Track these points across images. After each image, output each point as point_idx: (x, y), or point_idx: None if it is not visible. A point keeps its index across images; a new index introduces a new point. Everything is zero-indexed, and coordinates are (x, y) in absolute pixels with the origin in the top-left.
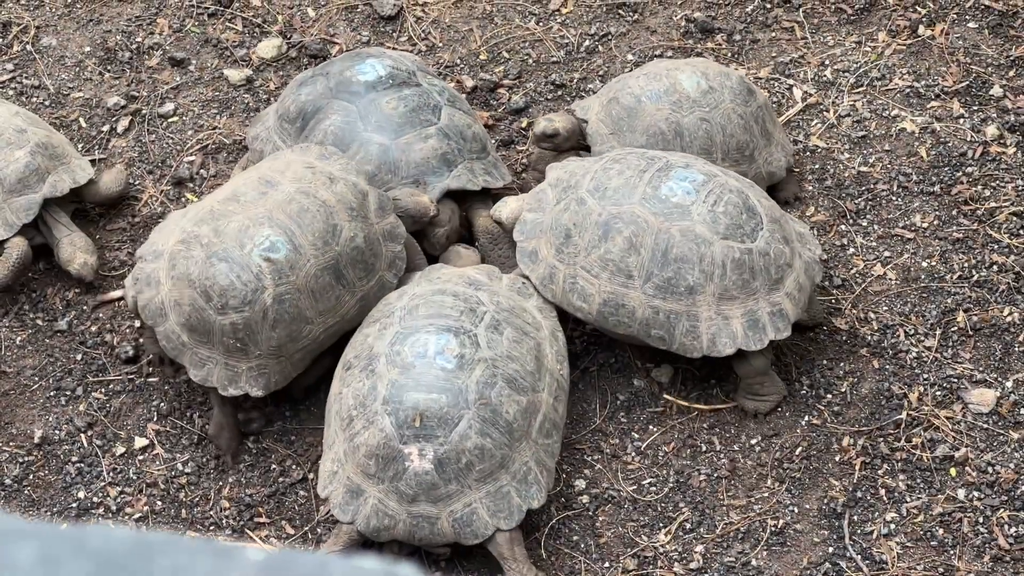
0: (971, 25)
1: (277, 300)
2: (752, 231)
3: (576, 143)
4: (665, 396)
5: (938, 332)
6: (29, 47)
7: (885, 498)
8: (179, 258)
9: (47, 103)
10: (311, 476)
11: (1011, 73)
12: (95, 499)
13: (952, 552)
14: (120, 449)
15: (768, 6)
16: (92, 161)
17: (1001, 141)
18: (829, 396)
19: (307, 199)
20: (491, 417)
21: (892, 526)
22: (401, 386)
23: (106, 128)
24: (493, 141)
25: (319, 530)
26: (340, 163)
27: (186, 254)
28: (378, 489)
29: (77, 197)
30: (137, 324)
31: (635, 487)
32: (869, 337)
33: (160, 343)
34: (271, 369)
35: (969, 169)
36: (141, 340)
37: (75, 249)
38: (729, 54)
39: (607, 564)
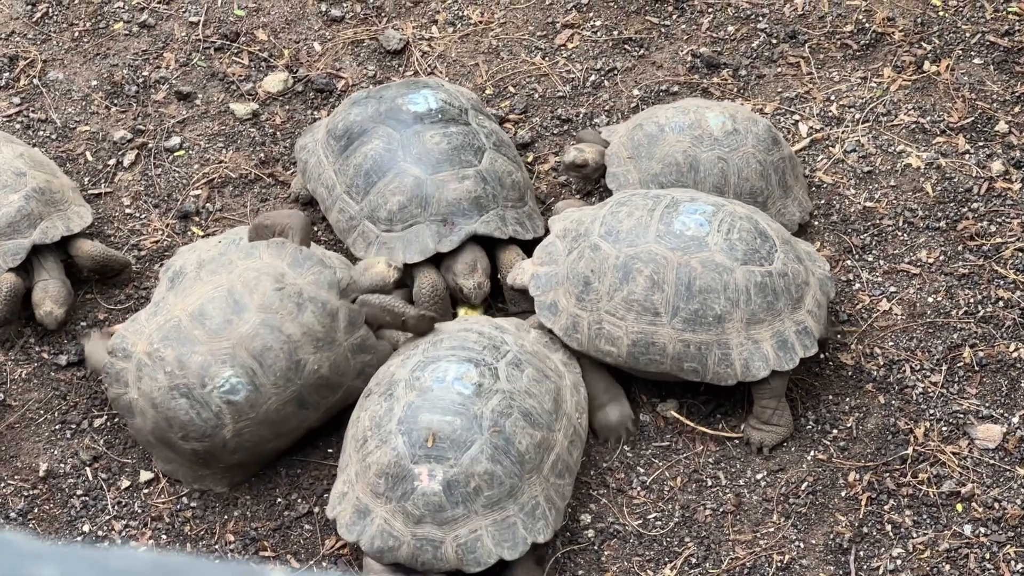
0: (976, 61)
1: (237, 434)
2: (768, 254)
3: (603, 173)
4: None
5: (944, 368)
6: (36, 81)
7: (891, 534)
8: (144, 374)
9: (54, 137)
10: (316, 510)
11: (1016, 109)
12: (100, 533)
13: None
14: (125, 483)
15: (774, 42)
16: (98, 194)
17: (1007, 177)
18: (835, 431)
19: (271, 335)
20: (503, 445)
21: (898, 562)
22: (417, 408)
23: (112, 162)
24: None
25: (324, 564)
26: (313, 274)
27: (151, 374)
28: (385, 509)
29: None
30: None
31: (640, 521)
32: (875, 372)
33: (131, 432)
34: (234, 473)
35: (975, 205)
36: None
37: (45, 296)
38: (735, 89)
39: None
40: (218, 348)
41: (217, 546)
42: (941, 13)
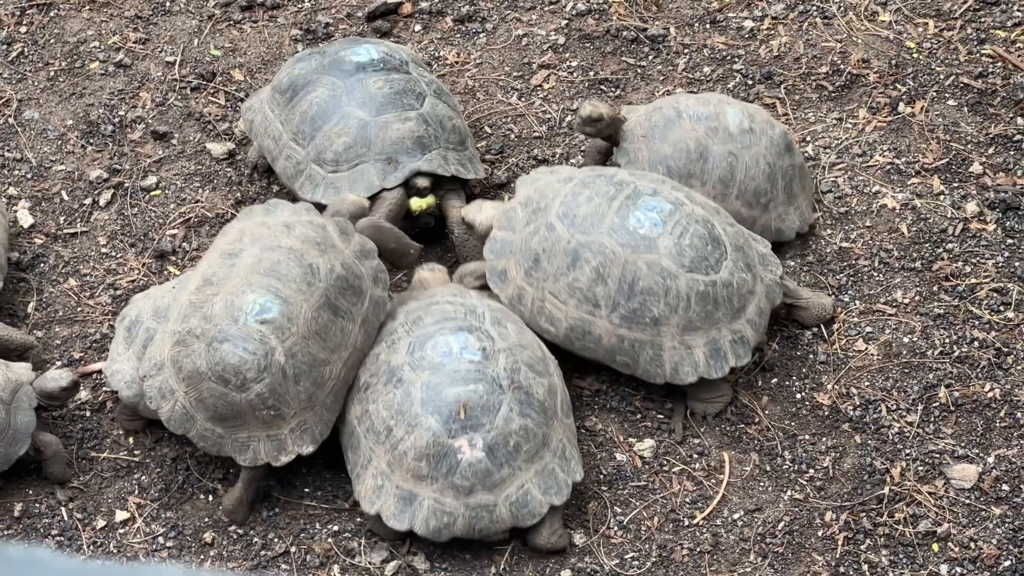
0: (950, 103)
1: (290, 355)
2: (716, 262)
3: (615, 133)
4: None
5: (920, 408)
6: (11, 120)
7: (868, 573)
8: (182, 359)
9: (29, 176)
10: (293, 549)
11: (990, 150)
12: None
13: None
14: (101, 522)
15: (749, 83)
16: (74, 234)
17: (981, 218)
18: (811, 471)
19: (274, 252)
20: (526, 399)
21: None
22: (436, 385)
23: (88, 201)
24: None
25: None
26: (288, 210)
27: (187, 352)
28: (432, 489)
29: None
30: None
31: (618, 561)
32: (851, 412)
33: (197, 444)
34: (311, 422)
35: (950, 245)
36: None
37: None
38: None
39: None
40: (233, 287)
41: None
42: (915, 55)
